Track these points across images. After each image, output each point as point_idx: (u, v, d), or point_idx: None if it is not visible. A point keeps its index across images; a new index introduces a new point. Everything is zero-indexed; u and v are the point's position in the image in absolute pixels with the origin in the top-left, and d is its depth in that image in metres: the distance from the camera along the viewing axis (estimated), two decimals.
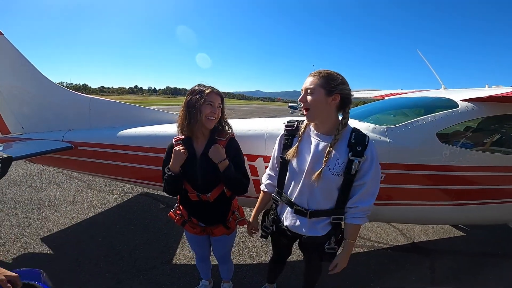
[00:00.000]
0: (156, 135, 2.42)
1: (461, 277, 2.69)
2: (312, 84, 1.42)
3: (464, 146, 2.21)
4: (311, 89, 1.42)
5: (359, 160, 1.41)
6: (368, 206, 1.48)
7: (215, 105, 1.63)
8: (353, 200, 1.48)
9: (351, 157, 1.41)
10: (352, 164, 1.41)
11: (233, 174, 1.64)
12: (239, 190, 1.73)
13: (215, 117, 1.64)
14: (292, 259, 2.59)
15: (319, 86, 1.40)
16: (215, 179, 1.68)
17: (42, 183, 4.66)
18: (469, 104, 2.19)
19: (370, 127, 2.15)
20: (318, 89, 1.40)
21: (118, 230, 3.29)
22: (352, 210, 1.49)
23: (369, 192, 1.47)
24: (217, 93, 1.66)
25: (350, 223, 1.51)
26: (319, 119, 1.48)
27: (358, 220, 1.49)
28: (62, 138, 2.64)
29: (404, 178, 2.15)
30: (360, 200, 1.47)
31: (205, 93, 1.60)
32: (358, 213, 1.48)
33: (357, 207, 1.47)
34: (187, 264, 2.67)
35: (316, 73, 1.44)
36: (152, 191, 4.36)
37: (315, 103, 1.41)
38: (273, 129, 2.17)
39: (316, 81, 1.41)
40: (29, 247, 2.86)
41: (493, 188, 2.31)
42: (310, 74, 1.47)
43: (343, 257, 1.58)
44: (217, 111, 1.65)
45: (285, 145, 1.60)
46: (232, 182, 1.66)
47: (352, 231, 1.54)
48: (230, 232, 1.88)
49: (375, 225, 3.69)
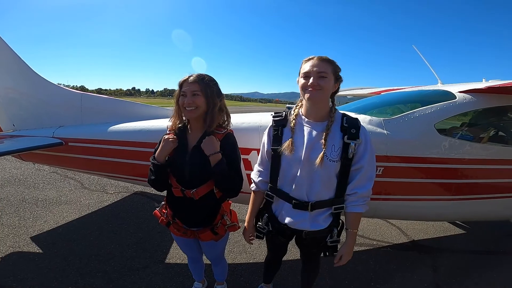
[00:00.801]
0: (149, 129, 2.36)
1: (464, 275, 2.65)
2: (326, 69, 1.37)
3: (464, 138, 2.18)
4: (323, 74, 1.36)
5: (355, 142, 1.39)
6: (367, 192, 1.45)
7: (189, 94, 1.49)
8: (351, 186, 1.46)
9: (347, 140, 1.39)
10: (349, 147, 1.38)
11: (225, 170, 1.49)
12: (230, 190, 1.58)
13: (192, 106, 1.49)
14: (289, 258, 2.53)
15: (330, 72, 1.38)
16: (203, 174, 1.54)
17: (35, 183, 4.59)
18: (467, 95, 2.16)
19: (367, 119, 2.11)
20: (330, 75, 1.38)
21: (111, 229, 3.22)
22: (351, 198, 1.47)
23: (366, 176, 1.45)
24: (192, 81, 1.50)
25: (351, 212, 1.48)
26: (322, 103, 1.44)
27: (359, 207, 1.47)
28: (52, 134, 2.60)
29: (403, 171, 2.11)
30: (359, 185, 1.45)
31: (179, 83, 1.53)
32: (358, 200, 1.46)
33: (356, 193, 1.45)
34: (181, 264, 2.60)
35: (323, 58, 1.39)
36: (146, 190, 4.30)
37: (327, 86, 1.38)
38: (267, 122, 2.11)
39: (327, 65, 1.38)
40: (18, 246, 2.80)
41: (495, 182, 2.28)
42: (313, 58, 1.40)
43: (347, 248, 1.54)
44: (193, 100, 1.48)
45: (275, 136, 1.53)
46: (223, 180, 1.52)
47: (354, 220, 1.51)
48: (218, 238, 1.72)
49: (374, 223, 3.65)
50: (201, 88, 1.50)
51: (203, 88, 1.50)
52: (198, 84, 1.50)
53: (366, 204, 1.48)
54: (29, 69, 2.73)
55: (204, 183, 1.56)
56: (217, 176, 1.52)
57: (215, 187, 1.58)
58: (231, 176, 1.53)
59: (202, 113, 1.54)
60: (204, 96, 1.51)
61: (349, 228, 1.52)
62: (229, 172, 1.51)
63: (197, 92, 1.49)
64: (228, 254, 2.80)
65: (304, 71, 1.40)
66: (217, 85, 1.59)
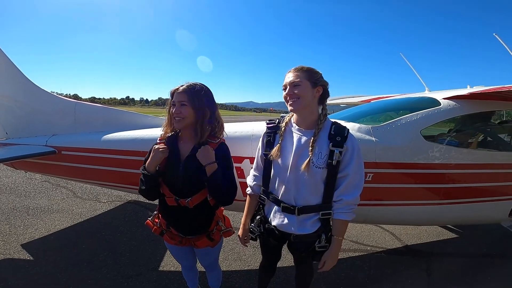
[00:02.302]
0: (143, 138, 2.36)
1: (458, 279, 2.68)
2: (298, 78, 1.44)
3: (449, 144, 2.25)
4: (296, 82, 1.43)
5: (339, 150, 1.42)
6: (353, 199, 1.47)
7: (178, 104, 1.51)
8: (337, 193, 1.48)
9: (332, 147, 1.43)
10: (334, 154, 1.42)
11: (220, 180, 1.51)
12: (225, 199, 1.59)
13: (180, 116, 1.51)
14: (283, 264, 2.54)
15: (304, 79, 1.44)
16: (198, 183, 1.54)
17: (27, 191, 4.53)
18: (451, 102, 2.25)
19: (356, 127, 2.17)
20: (304, 82, 1.44)
21: (103, 237, 3.19)
22: (337, 204, 1.48)
23: (352, 184, 1.46)
24: (181, 91, 1.52)
25: (337, 219, 1.50)
26: (304, 110, 1.49)
27: (344, 215, 1.48)
28: (45, 142, 2.58)
29: (392, 177, 2.16)
30: (344, 193, 1.47)
31: (171, 92, 1.56)
32: (344, 207, 1.47)
33: (342, 200, 1.47)
34: (175, 271, 2.59)
35: (297, 69, 1.47)
36: (140, 199, 4.28)
37: (304, 93, 1.43)
38: (259, 131, 2.15)
39: (300, 74, 1.45)
40: (9, 253, 2.77)
41: (482, 186, 2.34)
42: (290, 70, 1.49)
43: (331, 254, 1.53)
44: (180, 111, 1.50)
45: (268, 142, 1.59)
46: (218, 189, 1.53)
47: (340, 227, 1.51)
48: (214, 244, 1.73)
49: (367, 228, 3.68)
50: (188, 98, 1.51)
51: (190, 99, 1.51)
52: (186, 94, 1.51)
53: (352, 212, 1.49)
54: (23, 76, 2.73)
55: (198, 192, 1.57)
56: (212, 186, 1.52)
57: (209, 196, 1.58)
58: (225, 185, 1.55)
59: (190, 123, 1.55)
60: (192, 107, 1.51)
61: (334, 235, 1.52)
62: (223, 181, 1.53)
63: (184, 102, 1.50)
64: (223, 261, 2.80)
65: (283, 84, 1.50)
66: (208, 95, 1.59)
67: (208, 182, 1.51)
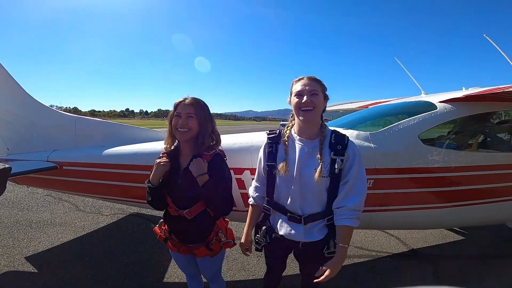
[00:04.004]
0: (143, 152, 2.38)
1: (467, 281, 2.66)
2: (316, 87, 1.47)
3: (448, 147, 2.25)
4: (314, 91, 1.46)
5: (341, 158, 1.44)
6: (355, 205, 1.45)
7: (184, 116, 1.54)
8: (339, 199, 1.48)
9: (333, 156, 1.44)
10: (335, 163, 1.43)
11: (212, 190, 1.53)
12: (219, 209, 1.63)
13: (185, 128, 1.54)
14: (288, 273, 2.52)
15: (320, 90, 1.48)
16: (195, 195, 1.57)
17: (29, 205, 4.54)
18: (447, 105, 2.27)
19: (354, 134, 2.19)
20: (320, 93, 1.47)
21: (107, 249, 3.19)
22: (339, 211, 1.47)
23: (353, 189, 1.46)
24: (188, 103, 1.56)
25: (340, 225, 1.47)
26: (315, 120, 1.51)
27: (347, 221, 1.44)
28: (47, 158, 2.60)
29: (392, 182, 2.17)
30: (345, 199, 1.46)
31: (175, 104, 1.58)
32: (346, 212, 1.45)
33: (343, 207, 1.46)
34: (179, 282, 2.57)
35: (312, 78, 1.50)
36: (142, 211, 4.28)
37: (319, 103, 1.47)
38: (259, 141, 2.16)
39: (316, 84, 1.48)
40: (13, 266, 2.78)
41: (485, 188, 2.33)
42: (303, 78, 1.51)
43: (334, 264, 1.46)
44: (186, 122, 1.53)
45: (270, 153, 1.60)
46: (211, 199, 1.56)
47: (344, 233, 1.47)
48: (213, 254, 1.72)
49: (372, 234, 3.66)
50: (196, 111, 1.55)
51: (198, 111, 1.56)
52: (194, 107, 1.55)
53: (356, 219, 1.46)
54: (23, 91, 2.74)
55: (196, 203, 1.60)
56: (205, 197, 1.56)
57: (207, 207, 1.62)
58: (219, 196, 1.56)
59: (194, 135, 1.58)
60: (198, 119, 1.56)
61: (339, 243, 1.47)
62: (217, 191, 1.55)
63: (191, 114, 1.55)
64: (227, 271, 2.78)
65: (297, 90, 1.48)
66: (208, 109, 1.66)
67: (201, 193, 1.54)
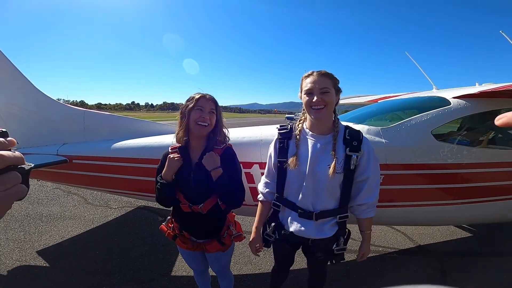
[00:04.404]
0: (151, 145, 2.39)
1: (473, 278, 2.64)
2: (327, 84, 1.42)
3: (461, 143, 2.21)
4: (326, 89, 1.41)
5: (357, 155, 1.43)
6: (375, 199, 1.54)
7: (206, 110, 1.55)
8: (360, 197, 1.52)
9: (349, 152, 1.43)
10: (351, 159, 1.42)
11: (227, 184, 1.54)
12: (233, 202, 1.62)
13: (206, 123, 1.54)
14: (295, 267, 2.53)
15: (331, 86, 1.43)
16: (208, 189, 1.58)
17: (39, 199, 4.61)
18: (461, 101, 2.22)
19: (365, 128, 2.16)
20: (331, 89, 1.43)
21: (116, 243, 3.23)
22: (362, 207, 1.54)
23: (373, 186, 1.52)
24: (209, 99, 1.58)
25: (364, 217, 1.56)
26: (328, 117, 1.48)
27: (371, 213, 1.56)
28: (56, 152, 2.62)
29: (403, 178, 2.14)
30: (367, 196, 1.51)
31: (195, 98, 1.56)
32: (369, 207, 1.54)
33: (367, 203, 1.52)
34: (187, 276, 2.60)
35: (323, 73, 1.44)
36: (150, 204, 4.32)
37: (331, 101, 1.43)
38: (268, 135, 2.17)
39: (327, 80, 1.43)
40: (25, 260, 2.82)
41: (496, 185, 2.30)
42: (314, 74, 1.45)
43: (366, 246, 1.62)
44: (209, 117, 1.55)
45: (281, 149, 1.58)
46: (225, 193, 1.56)
47: (367, 224, 1.60)
48: (225, 248, 1.74)
49: (379, 229, 3.65)
50: (216, 107, 1.60)
51: (217, 108, 1.61)
52: (214, 103, 1.59)
53: (375, 208, 1.58)
54: (31, 86, 2.76)
55: (209, 198, 1.60)
56: (219, 190, 1.56)
57: (219, 200, 1.62)
58: (233, 188, 1.57)
59: (210, 130, 1.60)
60: (216, 116, 1.61)
61: (364, 230, 1.62)
62: (230, 185, 1.56)
63: (213, 110, 1.58)
64: (234, 265, 2.80)
65: (307, 88, 1.44)
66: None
67: (215, 186, 1.54)
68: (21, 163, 0.47)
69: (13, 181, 0.44)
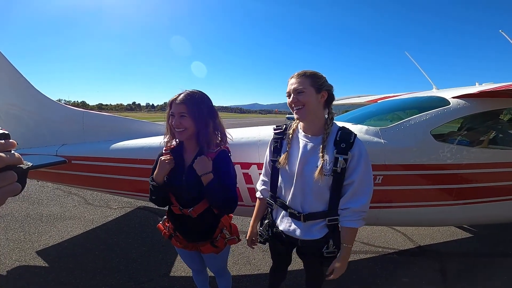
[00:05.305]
0: (151, 146, 2.39)
1: (473, 278, 2.63)
2: (301, 85, 1.41)
3: (460, 143, 2.21)
4: (300, 89, 1.41)
5: (344, 157, 1.39)
6: (360, 207, 1.43)
7: (177, 115, 1.47)
8: (343, 201, 1.45)
9: (336, 154, 1.40)
10: (338, 162, 1.39)
11: (217, 190, 1.48)
12: (222, 208, 1.57)
13: (180, 128, 1.47)
14: (294, 268, 2.53)
15: (308, 85, 1.41)
16: (199, 193, 1.52)
17: (39, 199, 4.62)
18: (460, 101, 2.21)
19: (364, 129, 2.16)
20: (308, 88, 1.41)
21: (115, 243, 3.24)
22: (344, 212, 1.46)
23: (358, 191, 1.43)
24: (179, 102, 1.46)
25: (345, 227, 1.46)
26: (310, 117, 1.46)
27: (353, 223, 1.44)
28: (55, 152, 2.62)
29: (402, 179, 2.13)
30: (350, 200, 1.44)
31: (168, 102, 1.52)
32: (352, 215, 1.44)
33: (348, 209, 1.44)
34: (185, 276, 2.60)
35: (300, 74, 1.44)
36: (150, 205, 4.31)
37: (308, 100, 1.41)
38: (266, 136, 2.15)
39: (303, 80, 1.42)
40: (24, 260, 2.83)
41: (496, 185, 2.29)
42: (293, 76, 1.46)
43: (340, 262, 1.49)
44: (180, 122, 1.46)
45: (275, 148, 1.60)
46: (214, 199, 1.51)
47: (348, 234, 1.47)
48: (218, 251, 1.70)
49: (378, 230, 3.64)
50: (188, 109, 1.46)
51: (190, 110, 1.47)
52: (185, 105, 1.46)
53: (361, 220, 1.45)
54: (31, 86, 2.75)
55: (200, 202, 1.56)
56: (208, 195, 1.51)
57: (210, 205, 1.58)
58: (223, 195, 1.51)
59: (192, 133, 1.53)
60: (192, 118, 1.48)
61: (343, 243, 1.48)
62: (221, 191, 1.50)
63: (184, 113, 1.47)
64: (233, 266, 2.80)
65: (287, 90, 1.48)
66: (208, 104, 1.56)
67: (205, 192, 1.50)
68: (19, 163, 0.50)
69: (9, 180, 0.47)
